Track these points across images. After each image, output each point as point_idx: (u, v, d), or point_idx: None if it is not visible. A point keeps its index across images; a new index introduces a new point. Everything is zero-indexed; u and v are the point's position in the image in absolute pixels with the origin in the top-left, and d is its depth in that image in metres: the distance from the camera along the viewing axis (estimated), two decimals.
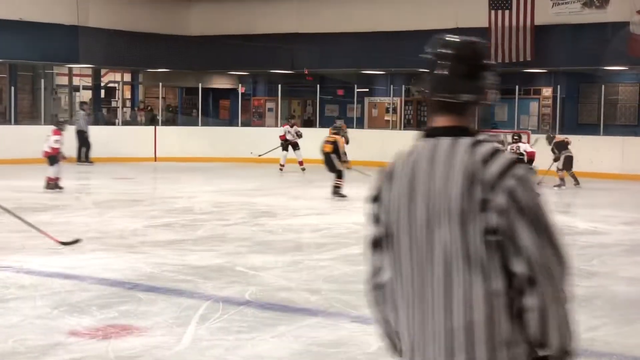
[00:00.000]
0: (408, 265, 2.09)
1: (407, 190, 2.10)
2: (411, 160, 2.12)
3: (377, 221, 2.19)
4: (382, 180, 2.18)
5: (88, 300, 6.79)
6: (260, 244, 9.63)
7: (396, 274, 2.13)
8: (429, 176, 2.06)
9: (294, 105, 30.04)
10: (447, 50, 2.20)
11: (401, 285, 2.12)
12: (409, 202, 2.09)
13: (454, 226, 2.01)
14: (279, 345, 5.61)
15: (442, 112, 2.16)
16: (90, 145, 22.26)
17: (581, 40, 21.62)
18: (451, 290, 2.02)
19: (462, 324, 2.01)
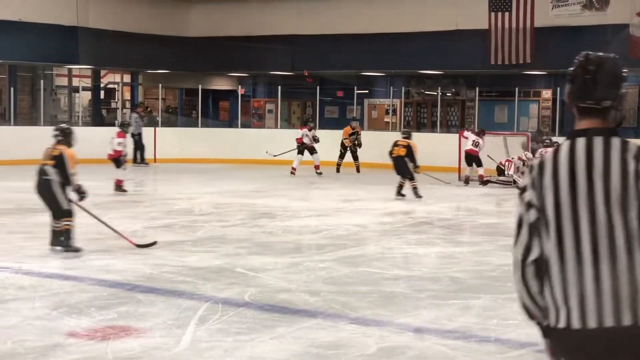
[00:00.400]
0: (571, 240, 2.50)
1: (567, 181, 2.52)
2: (566, 156, 2.55)
3: (531, 207, 2.58)
4: (535, 174, 2.57)
5: (87, 301, 6.78)
6: (259, 245, 9.63)
7: (558, 249, 2.52)
8: (590, 169, 2.50)
9: (293, 106, 30.06)
10: (591, 64, 2.66)
11: (563, 257, 2.51)
12: (571, 191, 2.51)
13: (615, 210, 2.47)
14: (278, 346, 5.61)
15: (587, 116, 2.60)
16: (144, 147, 22.40)
17: (581, 42, 21.55)
18: (629, 258, 2.46)
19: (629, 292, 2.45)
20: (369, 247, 9.81)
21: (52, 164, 8.86)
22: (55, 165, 8.85)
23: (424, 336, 5.92)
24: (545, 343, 2.66)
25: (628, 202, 2.48)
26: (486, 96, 25.66)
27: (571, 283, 2.50)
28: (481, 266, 8.58)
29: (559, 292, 2.53)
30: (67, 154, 8.96)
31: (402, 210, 13.35)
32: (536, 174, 2.58)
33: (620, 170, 2.50)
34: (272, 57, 26.12)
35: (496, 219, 12.83)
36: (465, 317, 6.49)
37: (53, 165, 8.85)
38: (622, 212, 2.48)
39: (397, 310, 6.64)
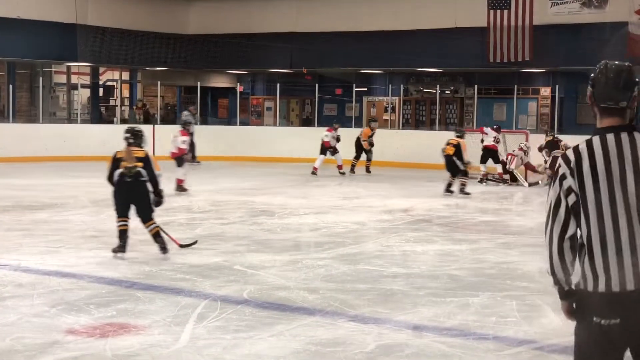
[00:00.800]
0: (610, 219, 3.04)
1: (604, 169, 3.06)
2: (600, 149, 3.09)
3: (571, 192, 3.11)
4: (573, 165, 3.10)
5: (86, 298, 6.78)
6: (258, 242, 9.63)
7: (598, 226, 3.05)
8: (623, 158, 3.07)
9: (292, 104, 30.06)
10: (610, 72, 3.15)
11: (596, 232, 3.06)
12: (608, 177, 3.05)
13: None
14: (276, 344, 5.61)
15: (608, 115, 3.15)
16: (195, 145, 22.30)
17: (580, 40, 21.63)
18: None
19: None
20: (367, 244, 9.82)
21: (141, 165, 8.50)
22: (143, 167, 8.50)
23: (423, 334, 5.93)
24: (563, 304, 3.28)
25: None
26: (485, 94, 25.66)
27: (611, 255, 3.04)
28: (480, 264, 8.59)
29: (600, 263, 3.06)
30: (150, 155, 8.67)
31: (401, 208, 13.36)
32: (574, 164, 3.10)
33: None
34: (270, 54, 26.12)
35: (495, 217, 12.84)
36: (464, 314, 6.50)
37: (142, 167, 8.49)
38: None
39: (395, 307, 6.64)
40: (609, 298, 3.05)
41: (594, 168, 3.08)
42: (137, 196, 8.57)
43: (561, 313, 4.87)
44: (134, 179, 8.49)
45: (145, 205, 8.59)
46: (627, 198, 3.05)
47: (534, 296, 7.11)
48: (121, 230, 8.57)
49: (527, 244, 10.10)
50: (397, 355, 5.38)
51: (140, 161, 8.52)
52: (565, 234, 3.17)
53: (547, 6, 22.32)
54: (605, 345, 3.11)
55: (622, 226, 3.05)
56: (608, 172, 3.07)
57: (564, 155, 3.19)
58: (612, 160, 3.08)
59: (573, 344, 3.22)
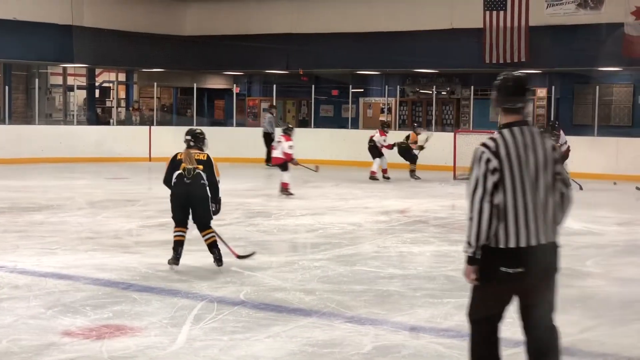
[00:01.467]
0: (516, 191, 3.98)
1: (517, 153, 4.00)
2: (511, 139, 4.04)
3: (496, 170, 3.98)
4: (493, 150, 4.00)
5: (82, 300, 6.78)
6: (255, 244, 9.61)
7: (509, 197, 3.98)
8: (533, 147, 4.04)
9: (288, 105, 30.04)
10: (509, 81, 4.14)
11: (511, 201, 3.98)
12: (520, 160, 4.00)
13: (546, 172, 4.05)
14: (273, 345, 5.61)
15: (510, 114, 4.11)
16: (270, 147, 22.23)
17: (575, 41, 21.64)
18: (547, 200, 4.06)
19: (549, 215, 4.07)
20: (364, 245, 9.81)
21: (201, 168, 8.06)
22: (203, 171, 8.07)
23: (419, 335, 5.93)
24: (470, 268, 4.07)
25: (547, 166, 4.06)
26: (481, 95, 25.67)
27: (520, 219, 3.98)
28: None
29: (512, 225, 3.98)
30: (212, 158, 8.19)
31: (398, 209, 13.36)
32: (495, 149, 4.01)
33: (542, 147, 4.07)
34: (267, 55, 26.10)
35: None
36: (461, 315, 6.48)
37: (202, 170, 8.09)
38: (544, 172, 4.04)
39: (392, 308, 6.64)
40: (517, 252, 3.97)
41: (508, 153, 3.99)
42: (195, 200, 8.08)
43: (558, 314, 4.85)
44: (192, 181, 8.04)
45: (203, 210, 8.10)
46: (530, 176, 4.00)
47: None
48: (176, 241, 8.10)
49: None
50: (394, 356, 5.38)
51: (200, 164, 8.11)
52: (492, 205, 3.97)
53: (542, 7, 22.33)
54: (504, 291, 4.08)
55: (529, 198, 3.99)
56: (518, 156, 3.99)
57: (485, 144, 4.04)
58: (519, 147, 4.01)
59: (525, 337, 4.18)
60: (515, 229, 3.97)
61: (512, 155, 3.99)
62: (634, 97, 24.18)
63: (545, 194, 4.04)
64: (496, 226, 3.97)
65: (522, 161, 3.99)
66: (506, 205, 3.97)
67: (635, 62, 21.53)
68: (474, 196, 3.99)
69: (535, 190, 4.00)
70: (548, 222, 4.04)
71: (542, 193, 4.03)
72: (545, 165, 4.04)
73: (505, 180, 3.97)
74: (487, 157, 3.99)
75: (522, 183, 3.98)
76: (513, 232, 3.97)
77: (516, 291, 4.08)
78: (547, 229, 4.04)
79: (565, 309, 6.78)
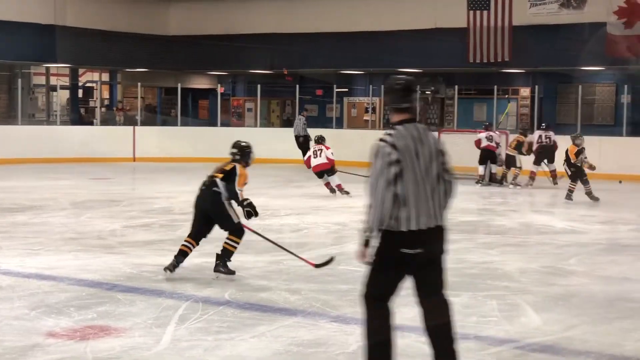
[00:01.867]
0: (413, 180, 4.41)
1: (412, 147, 4.45)
2: (404, 134, 4.49)
3: (398, 162, 4.40)
4: (392, 144, 4.43)
5: (66, 301, 6.75)
6: (240, 244, 9.59)
7: (407, 185, 4.41)
8: (421, 141, 4.50)
9: (273, 105, 30.02)
10: (397, 84, 4.60)
11: (409, 189, 4.41)
12: (414, 153, 4.45)
13: (434, 163, 4.50)
14: (258, 345, 5.61)
15: (399, 113, 4.58)
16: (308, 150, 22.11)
17: (558, 41, 21.75)
18: (437, 188, 4.52)
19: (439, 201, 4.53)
20: (349, 245, 9.82)
21: (221, 177, 8.06)
22: (223, 179, 8.06)
23: (404, 334, 5.93)
24: (363, 250, 4.48)
25: (435, 158, 4.52)
26: (465, 94, 25.75)
27: (415, 205, 4.42)
28: (461, 264, 8.61)
29: (411, 211, 4.41)
30: (239, 170, 8.19)
31: None
32: (394, 144, 4.43)
33: (429, 141, 4.53)
34: (251, 55, 26.08)
35: (476, 217, 12.88)
36: None
37: (221, 179, 8.08)
38: (433, 163, 4.50)
39: None
40: (415, 234, 4.42)
41: (405, 146, 4.43)
42: (208, 207, 8.02)
43: (542, 312, 4.82)
44: (206, 188, 8.04)
45: (220, 218, 8.03)
46: (423, 166, 4.45)
47: (515, 296, 7.14)
48: (180, 250, 7.97)
49: (508, 244, 10.15)
50: None
51: (222, 173, 8.10)
52: (391, 193, 4.37)
53: (526, 7, 22.42)
54: (402, 270, 4.53)
55: (422, 186, 4.44)
56: (412, 149, 4.44)
57: (384, 139, 4.48)
58: (413, 141, 4.46)
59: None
60: (414, 214, 4.41)
61: (409, 148, 4.44)
62: (616, 96, 24.32)
63: (436, 182, 4.50)
64: (397, 212, 4.39)
65: (415, 154, 4.44)
66: (406, 193, 4.40)
67: (617, 61, 21.67)
68: (377, 186, 4.39)
69: (428, 179, 4.46)
70: (438, 207, 4.50)
71: (434, 181, 4.49)
72: (431, 157, 4.49)
73: (404, 170, 4.39)
74: (388, 150, 4.41)
75: (417, 173, 4.43)
76: (413, 216, 4.41)
77: (412, 270, 4.54)
78: (437, 214, 4.50)
79: (549, 307, 6.82)
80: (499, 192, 16.96)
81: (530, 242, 10.37)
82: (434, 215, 4.49)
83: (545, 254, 9.51)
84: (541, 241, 10.43)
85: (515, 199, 15.99)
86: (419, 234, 4.42)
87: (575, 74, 24.00)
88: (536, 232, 11.33)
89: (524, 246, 10.07)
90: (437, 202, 4.50)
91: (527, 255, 9.40)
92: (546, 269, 8.52)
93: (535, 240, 10.52)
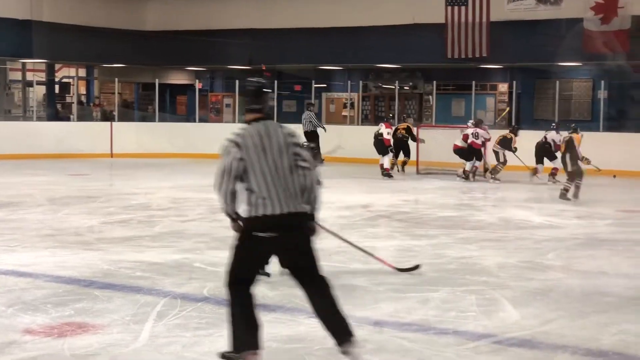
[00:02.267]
0: (260, 172, 4.80)
1: (258, 143, 4.83)
2: (251, 132, 4.88)
3: (242, 160, 4.80)
4: (239, 142, 4.83)
5: (43, 298, 6.70)
6: (218, 240, 9.57)
7: (257, 178, 4.80)
8: (269, 137, 4.86)
9: None
10: (251, 87, 5.04)
11: (259, 181, 4.80)
12: (261, 148, 4.82)
13: (285, 154, 4.85)
14: None
15: (252, 113, 4.97)
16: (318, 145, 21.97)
17: (536, 37, 21.85)
18: (292, 178, 4.86)
19: (294, 189, 4.85)
20: (327, 241, 9.81)
21: None
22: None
23: (383, 329, 5.95)
24: (233, 224, 4.92)
25: (285, 151, 4.84)
26: (443, 90, 25.81)
27: (265, 194, 4.78)
28: (439, 259, 8.64)
29: (261, 198, 4.78)
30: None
31: (361, 204, 13.39)
32: (241, 142, 4.82)
33: (281, 135, 4.88)
34: (229, 51, 26.02)
35: (454, 212, 12.92)
36: (424, 309, 6.53)
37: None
38: (283, 155, 4.83)
39: (356, 303, 6.65)
40: (267, 219, 4.77)
41: (254, 144, 4.82)
42: None
43: (520, 307, 4.84)
44: None
45: None
46: (268, 160, 4.81)
47: (493, 290, 7.17)
48: None
49: (486, 239, 10.19)
50: (357, 350, 5.38)
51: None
52: (232, 186, 4.82)
53: (503, 3, 22.51)
54: (261, 253, 4.94)
55: (270, 177, 4.79)
56: (257, 145, 4.81)
57: (230, 139, 4.84)
58: (260, 137, 4.84)
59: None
60: (267, 202, 4.77)
61: (255, 144, 4.82)
62: (593, 92, 24.46)
63: (289, 172, 4.83)
64: (252, 200, 4.81)
65: (262, 149, 4.81)
66: (254, 184, 4.79)
67: (594, 57, 21.81)
68: (222, 181, 4.82)
69: (278, 171, 4.81)
70: (292, 194, 4.83)
71: (286, 172, 4.83)
72: (280, 150, 4.83)
73: (250, 165, 4.79)
74: (232, 149, 4.81)
75: (264, 166, 4.79)
76: (263, 204, 4.77)
77: (275, 252, 4.93)
78: (292, 200, 4.83)
79: (527, 301, 6.85)
80: (478, 187, 17.03)
81: (509, 237, 10.42)
82: (287, 203, 4.80)
83: (523, 248, 9.56)
84: (520, 236, 10.48)
85: (494, 194, 16.05)
86: (272, 219, 4.76)
87: (552, 69, 24.12)
88: (515, 227, 11.38)
89: (503, 241, 10.11)
90: (291, 191, 4.82)
91: (505, 250, 9.43)
92: (524, 263, 8.56)
93: (513, 235, 10.56)
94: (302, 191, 4.89)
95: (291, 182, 4.85)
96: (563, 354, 5.42)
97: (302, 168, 4.89)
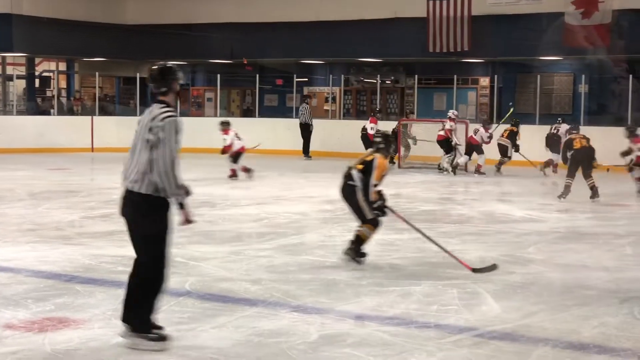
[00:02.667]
0: (132, 146, 5.27)
1: (142, 120, 5.27)
2: (145, 111, 5.33)
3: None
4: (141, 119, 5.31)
5: (24, 293, 6.67)
6: (200, 234, 9.55)
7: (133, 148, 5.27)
8: (144, 116, 5.29)
9: (232, 95, 29.89)
10: (154, 71, 5.52)
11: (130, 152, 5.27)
12: (140, 125, 5.26)
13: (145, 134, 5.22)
14: (219, 335, 5.59)
15: (157, 95, 5.41)
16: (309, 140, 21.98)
17: (517, 31, 21.91)
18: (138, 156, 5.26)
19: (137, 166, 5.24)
20: (309, 235, 9.83)
21: (360, 168, 8.01)
22: (362, 171, 7.99)
23: (365, 323, 5.96)
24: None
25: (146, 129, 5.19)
26: (425, 84, 25.86)
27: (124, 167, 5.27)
28: (421, 253, 8.66)
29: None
30: (377, 162, 8.01)
31: None
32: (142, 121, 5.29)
33: (147, 115, 5.31)
34: (211, 45, 25.93)
35: (436, 206, 12.95)
36: (406, 303, 6.55)
37: (360, 170, 8.00)
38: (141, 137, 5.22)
39: (338, 297, 6.66)
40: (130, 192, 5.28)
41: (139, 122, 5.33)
42: (346, 198, 8.14)
43: (501, 300, 4.84)
44: (344, 179, 8.11)
45: (354, 211, 8.13)
46: (137, 137, 5.24)
47: (475, 284, 7.20)
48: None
49: (468, 233, 10.22)
50: (339, 344, 5.40)
51: (362, 164, 8.05)
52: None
53: None
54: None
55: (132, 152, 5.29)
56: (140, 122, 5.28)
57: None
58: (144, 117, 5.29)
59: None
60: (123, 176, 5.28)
61: (141, 121, 5.27)
62: (574, 86, 24.57)
63: (138, 152, 5.19)
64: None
65: (141, 126, 5.24)
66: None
67: (575, 51, 21.89)
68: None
69: (137, 147, 5.21)
70: (134, 172, 5.18)
71: (137, 151, 5.21)
72: (143, 129, 5.18)
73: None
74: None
75: (135, 141, 5.25)
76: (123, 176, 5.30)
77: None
78: (130, 178, 5.22)
79: (508, 295, 6.89)
80: (460, 181, 17.08)
81: (490, 231, 10.46)
82: (126, 178, 5.25)
83: (504, 242, 9.60)
84: (501, 230, 10.52)
85: (477, 187, 16.11)
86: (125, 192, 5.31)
87: (534, 63, 24.21)
88: (496, 220, 11.42)
89: (484, 235, 10.15)
90: (134, 169, 5.20)
91: (486, 244, 9.47)
92: (505, 257, 8.59)
93: (495, 229, 10.60)
94: (142, 170, 5.19)
95: (138, 161, 5.24)
96: (544, 347, 5.45)
97: (153, 150, 5.18)
